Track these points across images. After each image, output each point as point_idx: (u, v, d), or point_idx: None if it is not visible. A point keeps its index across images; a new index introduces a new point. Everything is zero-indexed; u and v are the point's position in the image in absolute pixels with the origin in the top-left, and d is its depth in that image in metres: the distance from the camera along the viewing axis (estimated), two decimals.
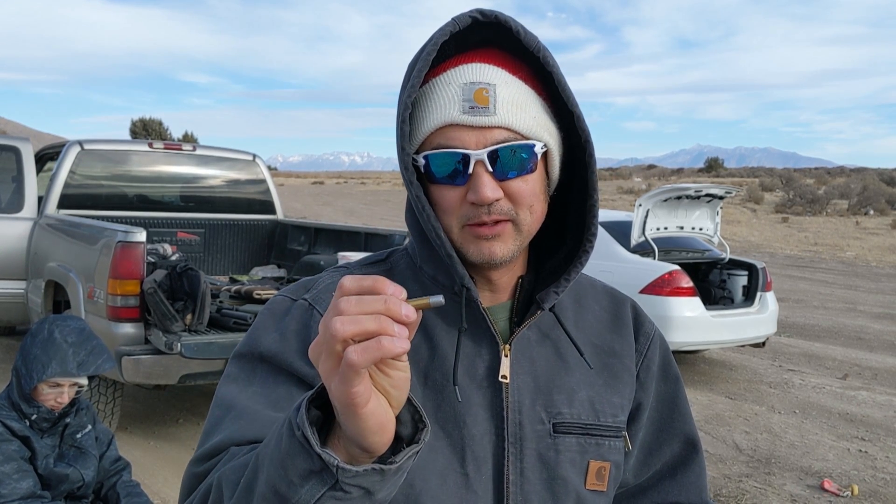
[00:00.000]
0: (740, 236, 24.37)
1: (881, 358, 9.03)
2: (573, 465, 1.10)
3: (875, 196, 32.43)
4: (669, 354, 1.27)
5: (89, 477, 2.86)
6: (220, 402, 1.02)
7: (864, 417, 6.63)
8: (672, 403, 1.25)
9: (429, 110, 1.01)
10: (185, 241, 7.23)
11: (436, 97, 1.01)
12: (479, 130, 0.99)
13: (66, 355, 2.71)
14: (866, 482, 5.13)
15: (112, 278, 4.73)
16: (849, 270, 17.97)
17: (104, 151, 6.81)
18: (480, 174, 0.99)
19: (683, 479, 1.24)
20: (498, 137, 0.99)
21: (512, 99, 1.00)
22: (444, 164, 1.00)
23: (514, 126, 1.00)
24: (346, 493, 0.74)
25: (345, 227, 7.15)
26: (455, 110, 0.99)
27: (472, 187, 0.99)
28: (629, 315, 1.23)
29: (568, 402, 1.11)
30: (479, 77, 1.00)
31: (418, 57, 1.01)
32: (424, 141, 1.02)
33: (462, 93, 0.99)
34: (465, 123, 0.99)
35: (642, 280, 7.34)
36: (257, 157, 7.63)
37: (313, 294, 1.09)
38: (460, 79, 1.00)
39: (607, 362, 1.17)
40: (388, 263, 1.17)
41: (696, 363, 8.48)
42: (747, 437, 6.01)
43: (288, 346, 1.04)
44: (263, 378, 1.03)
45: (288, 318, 1.07)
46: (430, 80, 1.03)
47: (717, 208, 8.45)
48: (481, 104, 0.98)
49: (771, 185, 40.92)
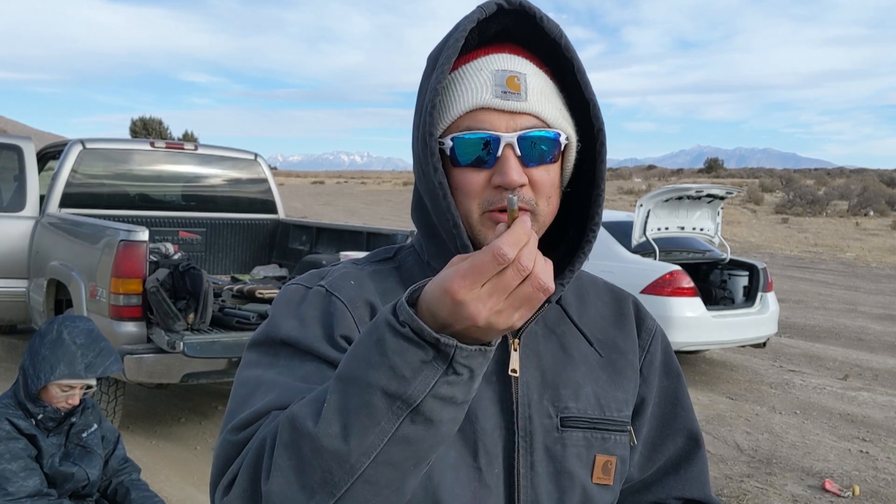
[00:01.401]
0: (740, 237, 24.38)
1: (882, 359, 9.03)
2: (579, 459, 1.11)
3: (875, 197, 32.42)
4: (671, 350, 1.28)
5: (94, 476, 2.86)
6: (244, 382, 1.00)
7: (865, 418, 6.63)
8: (674, 399, 1.26)
9: (458, 94, 1.03)
10: (187, 241, 7.23)
11: (466, 82, 1.03)
12: (509, 115, 1.01)
13: (74, 357, 2.71)
14: (867, 483, 5.13)
15: (114, 277, 4.74)
16: (849, 271, 17.97)
17: (106, 150, 6.81)
18: (509, 157, 1.00)
19: (686, 474, 1.25)
20: (527, 124, 1.01)
21: (540, 89, 1.03)
22: (472, 147, 1.01)
23: (542, 114, 1.02)
24: (458, 375, 0.78)
25: (346, 227, 7.15)
26: (487, 94, 1.01)
27: (500, 170, 1.00)
28: (631, 311, 1.25)
29: (574, 396, 1.12)
30: (511, 66, 1.03)
31: (444, 44, 1.02)
32: (450, 126, 1.03)
33: (494, 78, 1.01)
34: (497, 107, 1.00)
35: (643, 280, 7.34)
36: (259, 156, 7.63)
37: (329, 281, 1.09)
38: (492, 66, 1.03)
39: (611, 358, 1.18)
40: (396, 261, 1.18)
41: (697, 363, 8.48)
42: (748, 437, 6.01)
43: (309, 331, 1.03)
44: (288, 360, 1.01)
45: (305, 305, 1.07)
46: (456, 67, 1.05)
47: (717, 209, 8.45)
48: (513, 90, 1.00)
49: (771, 186, 40.93)
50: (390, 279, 1.13)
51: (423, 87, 1.06)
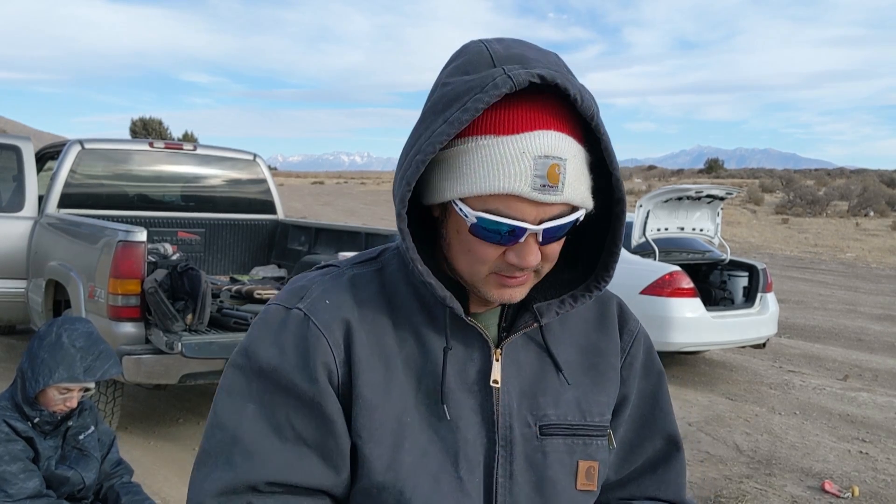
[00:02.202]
0: (740, 237, 24.37)
1: (881, 359, 9.03)
2: (562, 465, 1.11)
3: (875, 197, 32.41)
4: (653, 351, 1.28)
5: (90, 480, 2.85)
6: (220, 423, 1.06)
7: (865, 419, 6.62)
8: (653, 400, 1.25)
9: (492, 169, 0.95)
10: (185, 241, 7.23)
11: (506, 162, 0.95)
12: (541, 206, 0.97)
13: (73, 361, 2.69)
14: (867, 483, 5.12)
15: (113, 277, 4.73)
16: (849, 272, 17.97)
17: (105, 151, 6.80)
18: (530, 243, 0.99)
19: (664, 476, 1.25)
20: (555, 212, 0.98)
21: (576, 173, 0.97)
22: (496, 230, 0.98)
23: (573, 202, 0.98)
24: None
25: (345, 227, 7.14)
26: (525, 185, 0.94)
27: (518, 252, 0.99)
28: (615, 312, 1.24)
29: (554, 403, 1.12)
30: (555, 150, 0.95)
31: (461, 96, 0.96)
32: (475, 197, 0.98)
33: (535, 167, 0.94)
34: (532, 199, 0.95)
35: (643, 281, 7.34)
36: (258, 156, 7.63)
37: (308, 304, 1.09)
38: (535, 149, 0.94)
39: (594, 362, 1.18)
40: (379, 262, 1.17)
41: (697, 364, 8.48)
42: (748, 438, 6.00)
43: (287, 361, 1.05)
44: (261, 395, 1.05)
45: (286, 332, 1.07)
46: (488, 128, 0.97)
47: (717, 209, 8.44)
48: (552, 182, 0.95)
49: (771, 187, 40.93)
50: (371, 286, 1.12)
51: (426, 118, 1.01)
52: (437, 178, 1.01)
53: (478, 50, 1.00)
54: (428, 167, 1.01)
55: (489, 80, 0.94)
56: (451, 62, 1.03)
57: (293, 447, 1.03)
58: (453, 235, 1.04)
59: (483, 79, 0.95)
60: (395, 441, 1.05)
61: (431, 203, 1.04)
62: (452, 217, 1.02)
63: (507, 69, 0.95)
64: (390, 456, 1.04)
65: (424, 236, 1.09)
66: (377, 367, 1.06)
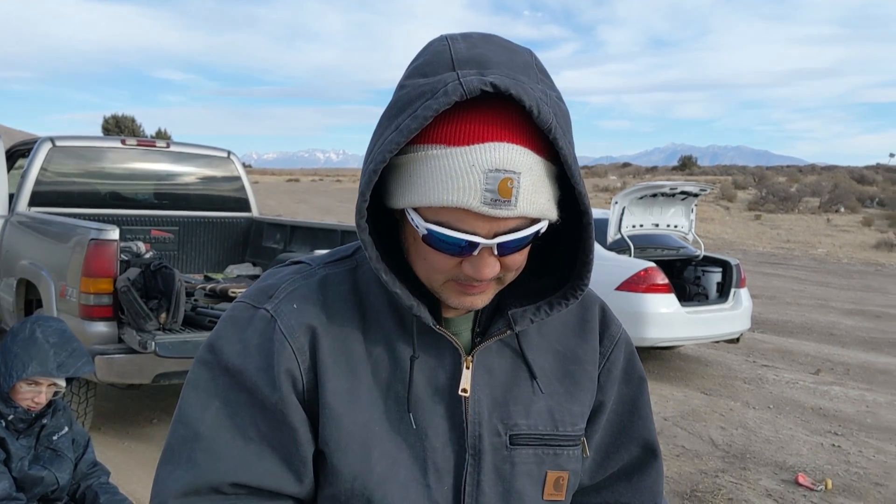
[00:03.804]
0: (714, 234, 24.58)
1: (852, 353, 9.15)
2: (529, 476, 1.10)
3: (846, 194, 32.84)
4: (635, 357, 1.25)
5: (64, 480, 2.82)
6: (184, 418, 1.04)
7: (837, 412, 6.71)
8: (632, 407, 1.24)
9: (441, 180, 0.91)
10: (159, 239, 7.16)
11: (454, 174, 0.90)
12: (494, 220, 0.92)
13: (46, 355, 2.70)
14: (840, 476, 5.19)
15: (85, 276, 4.67)
16: (820, 267, 18.19)
17: (76, 148, 6.71)
18: (484, 256, 0.96)
19: (639, 484, 1.24)
20: (511, 226, 0.94)
21: (532, 186, 0.92)
22: (448, 243, 0.95)
23: (529, 215, 0.93)
24: None
25: (321, 225, 7.11)
26: (475, 200, 0.90)
27: (474, 264, 0.96)
28: (596, 317, 1.21)
29: (525, 413, 1.10)
30: (506, 164, 0.89)
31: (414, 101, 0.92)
32: (426, 208, 0.94)
33: (485, 181, 0.89)
34: (483, 213, 0.91)
35: (619, 277, 7.37)
36: (232, 153, 7.56)
37: (274, 305, 1.07)
38: (485, 163, 0.89)
39: (569, 369, 1.16)
40: (353, 261, 1.14)
41: (672, 359, 8.54)
42: (723, 432, 6.06)
43: (251, 361, 1.04)
44: (225, 392, 1.04)
45: (251, 331, 1.05)
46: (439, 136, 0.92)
47: (691, 206, 8.51)
48: (504, 197, 0.90)
49: (744, 183, 41.30)
50: (342, 287, 1.10)
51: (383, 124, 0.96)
52: (392, 185, 0.97)
53: (439, 50, 0.96)
54: (386, 169, 0.97)
55: (440, 86, 0.90)
56: (413, 61, 0.99)
57: (256, 447, 1.02)
58: (411, 242, 1.01)
59: (435, 84, 0.91)
60: (364, 450, 1.03)
61: (391, 208, 1.00)
62: (408, 224, 0.99)
63: (462, 75, 0.90)
64: (359, 465, 1.03)
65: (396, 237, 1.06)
66: (344, 374, 1.04)
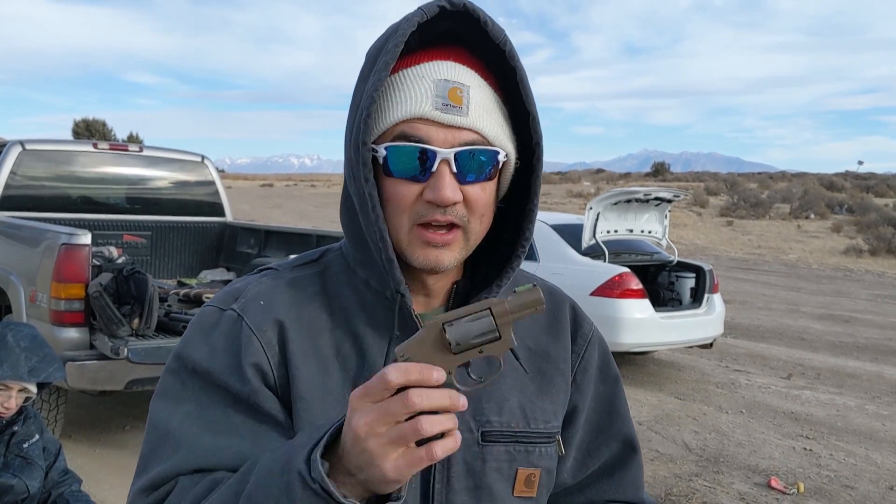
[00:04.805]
0: (687, 239, 24.79)
1: (823, 358, 9.26)
2: (500, 473, 1.09)
3: (815, 200, 33.27)
4: (609, 355, 1.26)
5: (34, 488, 2.78)
6: (154, 422, 1.04)
7: (808, 416, 6.78)
8: (610, 405, 1.24)
9: (395, 101, 0.98)
10: (131, 244, 7.08)
11: (406, 89, 0.98)
12: (448, 129, 0.96)
13: (18, 359, 2.68)
14: (811, 479, 5.24)
15: (55, 281, 4.61)
16: (791, 272, 18.40)
17: (47, 152, 6.63)
18: (444, 173, 0.97)
19: (621, 479, 1.24)
20: (466, 139, 0.97)
21: (483, 103, 0.98)
22: (406, 158, 0.97)
23: (483, 130, 0.98)
24: None
25: (296, 230, 7.07)
26: (427, 105, 0.96)
27: (433, 185, 0.97)
28: (567, 317, 1.22)
29: (497, 409, 1.10)
30: (454, 76, 0.98)
31: (383, 46, 0.98)
32: (385, 132, 0.99)
33: (435, 88, 0.96)
34: (436, 120, 0.96)
35: (593, 282, 7.41)
36: (206, 158, 7.51)
37: (241, 304, 1.07)
38: (434, 74, 0.98)
39: (541, 367, 1.16)
40: (321, 264, 1.14)
41: (646, 364, 8.59)
42: (696, 436, 6.10)
43: (219, 361, 1.03)
44: (195, 394, 1.02)
45: (217, 333, 1.05)
46: (395, 71, 1.00)
47: (665, 211, 8.58)
48: (455, 103, 0.96)
49: (716, 190, 41.71)
50: (311, 287, 1.10)
51: (359, 88, 1.01)
52: None
53: None
54: None
55: (403, 20, 0.96)
56: None
57: (226, 438, 1.00)
58: (385, 199, 1.01)
59: (398, 23, 0.97)
60: None
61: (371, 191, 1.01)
62: (383, 184, 1.00)
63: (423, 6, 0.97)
64: None
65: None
66: (313, 367, 1.04)
